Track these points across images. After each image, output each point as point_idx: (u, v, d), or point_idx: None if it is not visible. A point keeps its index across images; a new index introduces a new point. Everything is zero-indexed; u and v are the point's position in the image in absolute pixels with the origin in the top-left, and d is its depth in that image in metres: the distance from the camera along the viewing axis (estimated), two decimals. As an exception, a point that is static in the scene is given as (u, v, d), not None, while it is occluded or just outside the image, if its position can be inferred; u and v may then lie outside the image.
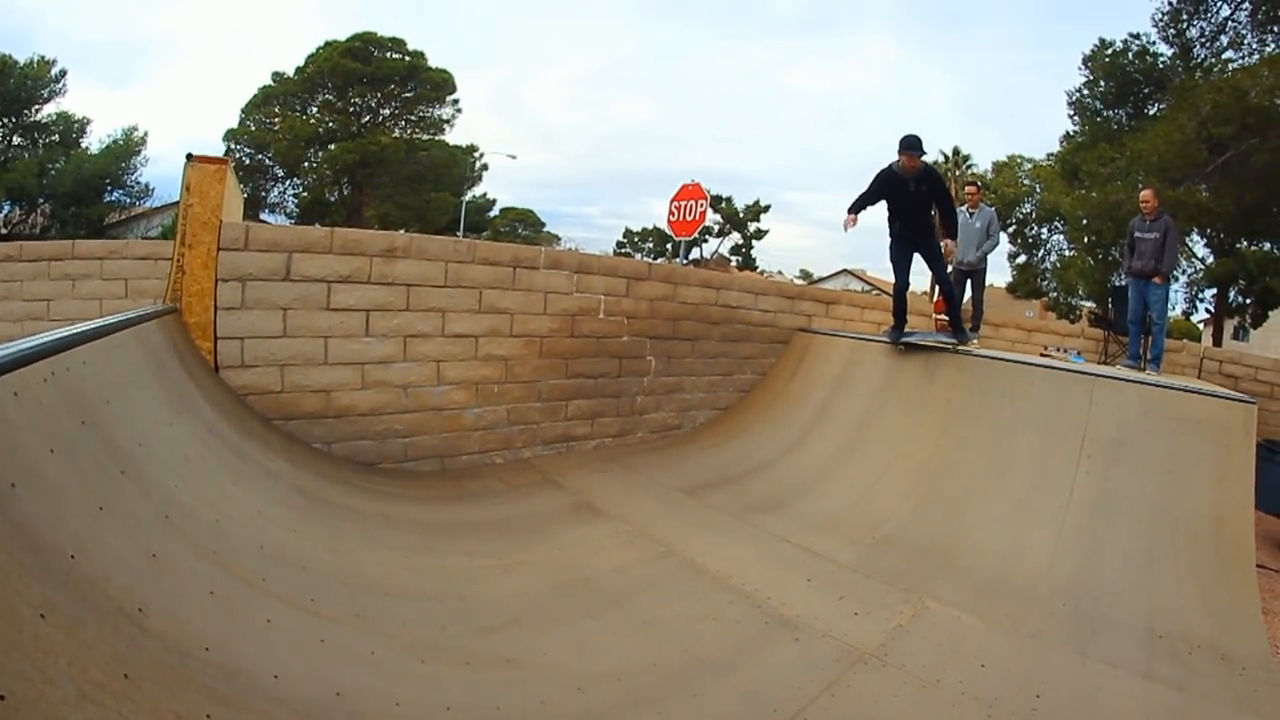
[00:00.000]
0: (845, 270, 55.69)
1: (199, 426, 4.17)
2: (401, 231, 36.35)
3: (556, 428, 6.93)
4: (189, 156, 5.56)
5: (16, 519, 1.86)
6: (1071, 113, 22.58)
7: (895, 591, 4.36)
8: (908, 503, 5.62)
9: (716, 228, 48.23)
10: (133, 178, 31.58)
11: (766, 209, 48.99)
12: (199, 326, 5.35)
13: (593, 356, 7.12)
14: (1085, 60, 21.53)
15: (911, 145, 6.42)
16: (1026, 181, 29.64)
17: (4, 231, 29.38)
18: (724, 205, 47.43)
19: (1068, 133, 23.13)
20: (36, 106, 30.87)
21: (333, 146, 33.93)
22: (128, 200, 31.64)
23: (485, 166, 39.44)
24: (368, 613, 3.24)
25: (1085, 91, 21.90)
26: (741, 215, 48.27)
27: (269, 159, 34.58)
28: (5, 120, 30.54)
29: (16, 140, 30.86)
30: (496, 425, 6.59)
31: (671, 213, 12.91)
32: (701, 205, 12.46)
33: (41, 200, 30.10)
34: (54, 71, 30.97)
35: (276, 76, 35.62)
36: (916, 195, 6.58)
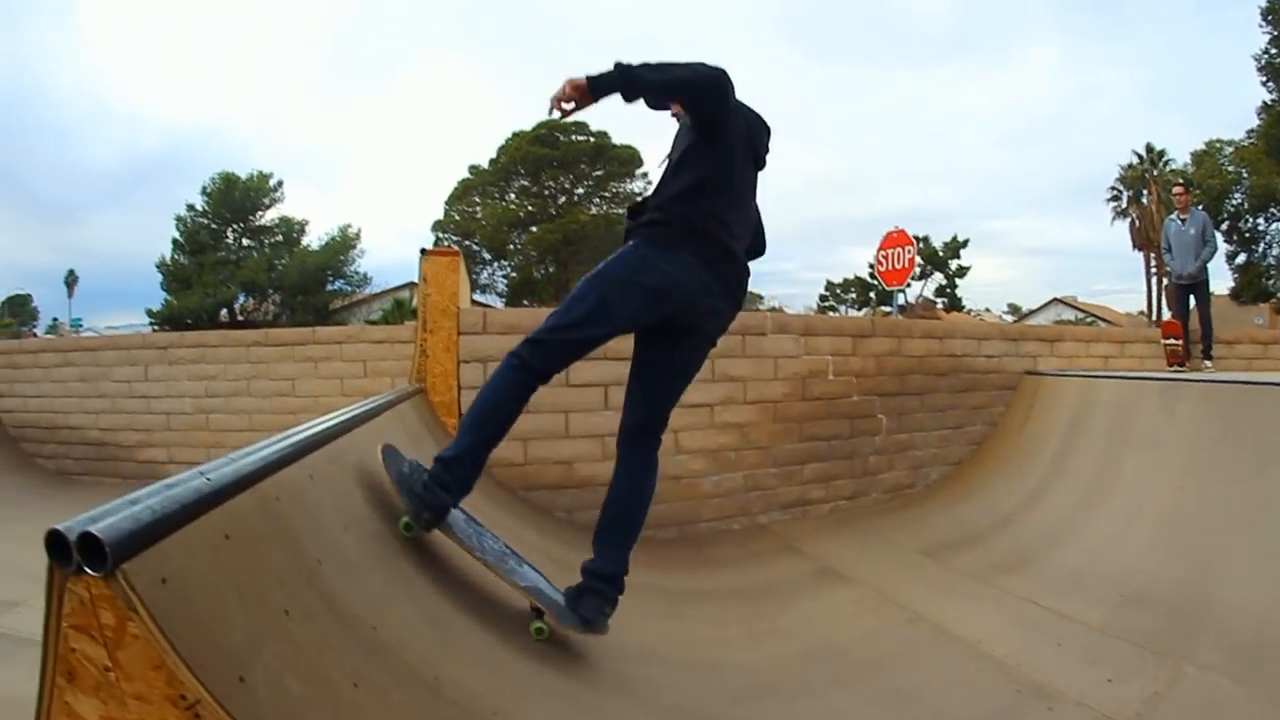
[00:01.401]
0: (1056, 300, 52.90)
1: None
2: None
3: (792, 492, 6.84)
4: (423, 251, 6.05)
5: (326, 593, 2.02)
6: (1264, 79, 20.26)
7: (1148, 655, 4.00)
8: (1154, 555, 5.14)
9: (918, 270, 46.78)
10: (351, 268, 36.21)
11: (965, 244, 46.70)
12: (444, 405, 5.76)
13: (824, 418, 7.01)
14: (1265, 14, 19.32)
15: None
16: (1230, 168, 25.93)
17: (241, 319, 34.24)
18: (921, 245, 45.99)
19: (1264, 103, 20.80)
20: (260, 213, 36.59)
21: (535, 228, 35.93)
22: (348, 288, 36.14)
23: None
24: (628, 679, 3.31)
25: (1273, 50, 19.59)
26: (941, 254, 46.30)
27: (475, 244, 36.98)
28: (235, 226, 36.29)
29: (246, 242, 36.36)
30: (733, 492, 6.58)
31: (879, 263, 12.72)
32: (909, 251, 12.25)
33: (271, 291, 34.87)
34: (272, 182, 36.55)
35: (473, 169, 38.35)
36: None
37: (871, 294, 47.24)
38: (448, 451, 2.95)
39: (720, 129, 2.85)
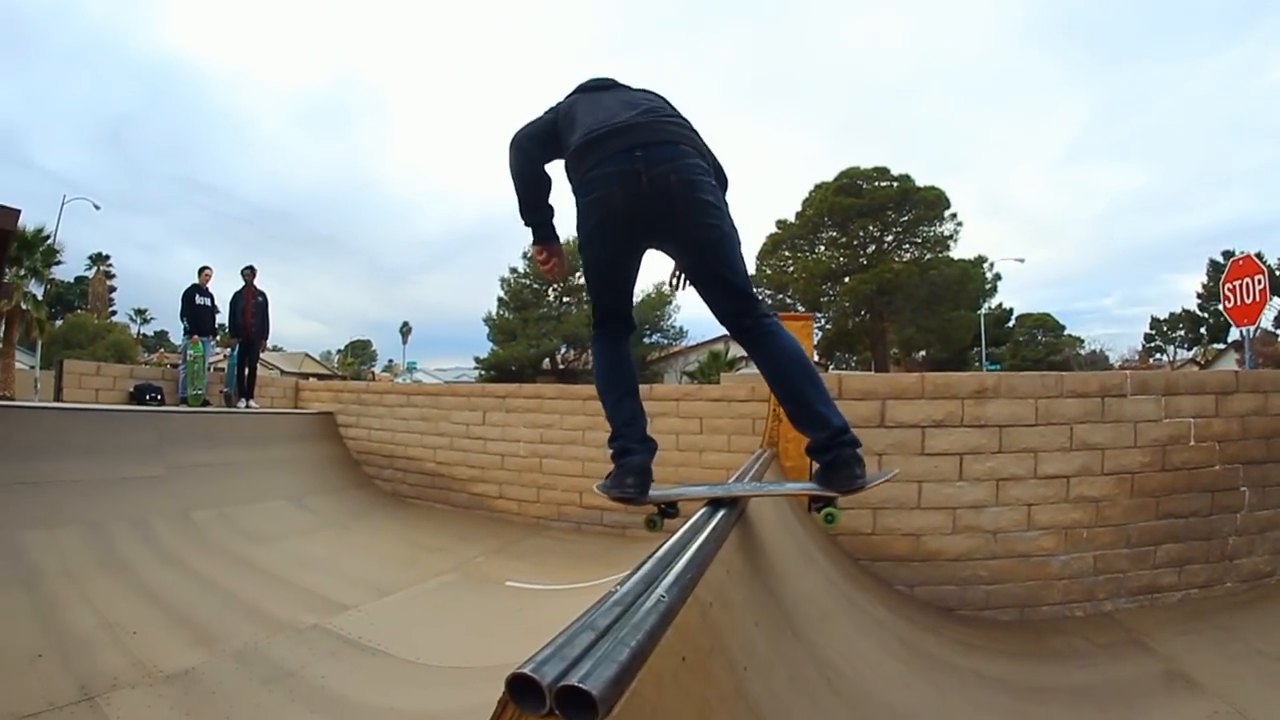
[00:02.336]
0: None
1: (820, 576, 4.28)
2: (921, 353, 36.56)
3: (1142, 577, 6.06)
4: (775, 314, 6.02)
5: (751, 700, 1.88)
6: None
7: None
8: None
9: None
10: (667, 322, 37.65)
11: None
12: (795, 469, 5.64)
13: (1184, 492, 6.17)
14: None
15: None
16: None
17: (562, 367, 37.67)
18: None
19: None
20: (578, 274, 38.89)
21: (847, 279, 35.59)
22: (665, 341, 37.61)
23: (999, 276, 38.07)
24: None
25: None
26: (1278, 272, 39.50)
27: (789, 298, 37.29)
28: (556, 286, 38.79)
29: (565, 299, 39.14)
30: (1082, 574, 5.96)
31: (1226, 298, 11.21)
32: (1260, 281, 10.59)
33: (590, 343, 37.06)
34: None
35: (780, 223, 38.82)
36: None
37: (1203, 330, 41.93)
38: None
39: (549, 150, 2.96)
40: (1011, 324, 46.45)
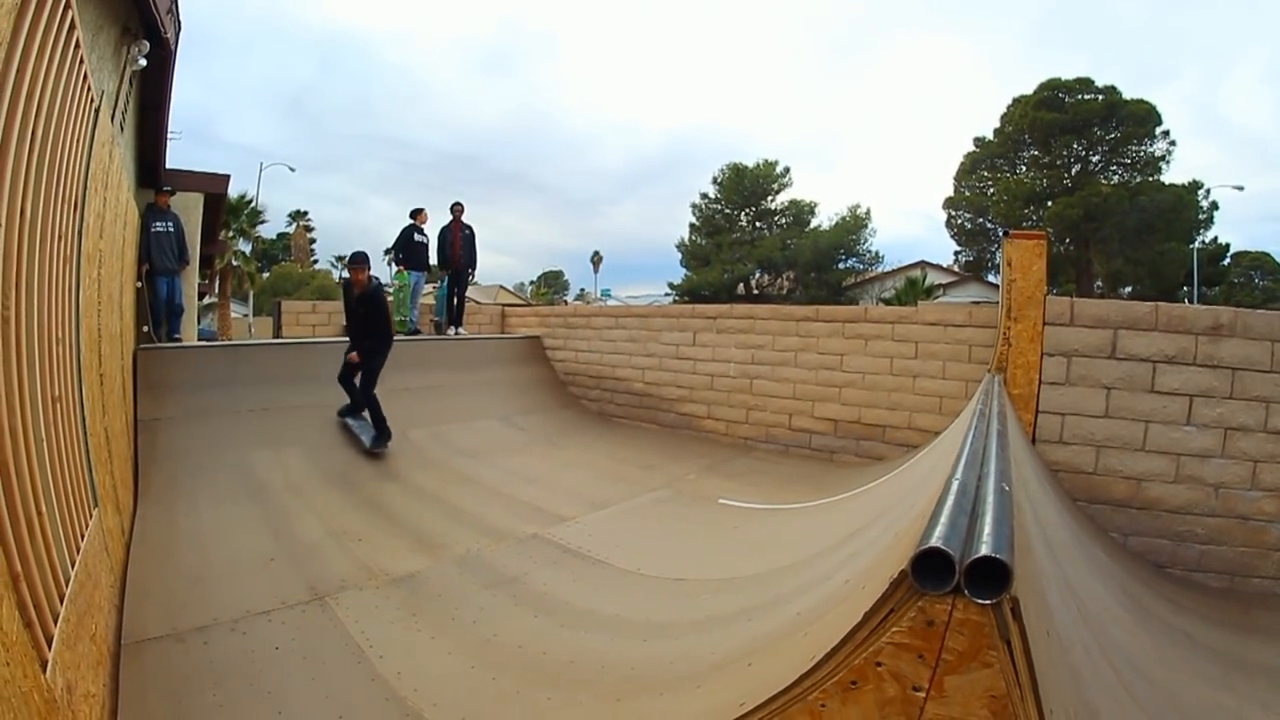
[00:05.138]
0: None
1: (1052, 507, 4.22)
2: (1127, 295, 34.09)
3: None
4: (1005, 233, 5.81)
5: (1049, 597, 1.92)
6: None
7: None
8: None
9: None
10: (863, 247, 37.19)
11: None
12: (1021, 398, 5.55)
13: None
14: None
15: None
16: None
17: (756, 292, 37.92)
18: None
19: None
20: (771, 197, 39.34)
21: (1051, 203, 33.40)
22: (861, 266, 37.23)
23: (1215, 205, 34.50)
24: None
25: None
26: None
27: (989, 222, 35.49)
28: (748, 210, 39.52)
29: (759, 224, 39.34)
30: None
31: None
32: None
33: (785, 268, 37.78)
34: (779, 169, 39.28)
35: (979, 141, 36.68)
36: None
37: None
38: None
39: None
40: (1227, 262, 42.13)
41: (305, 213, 59.88)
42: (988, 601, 1.15)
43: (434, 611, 4.06)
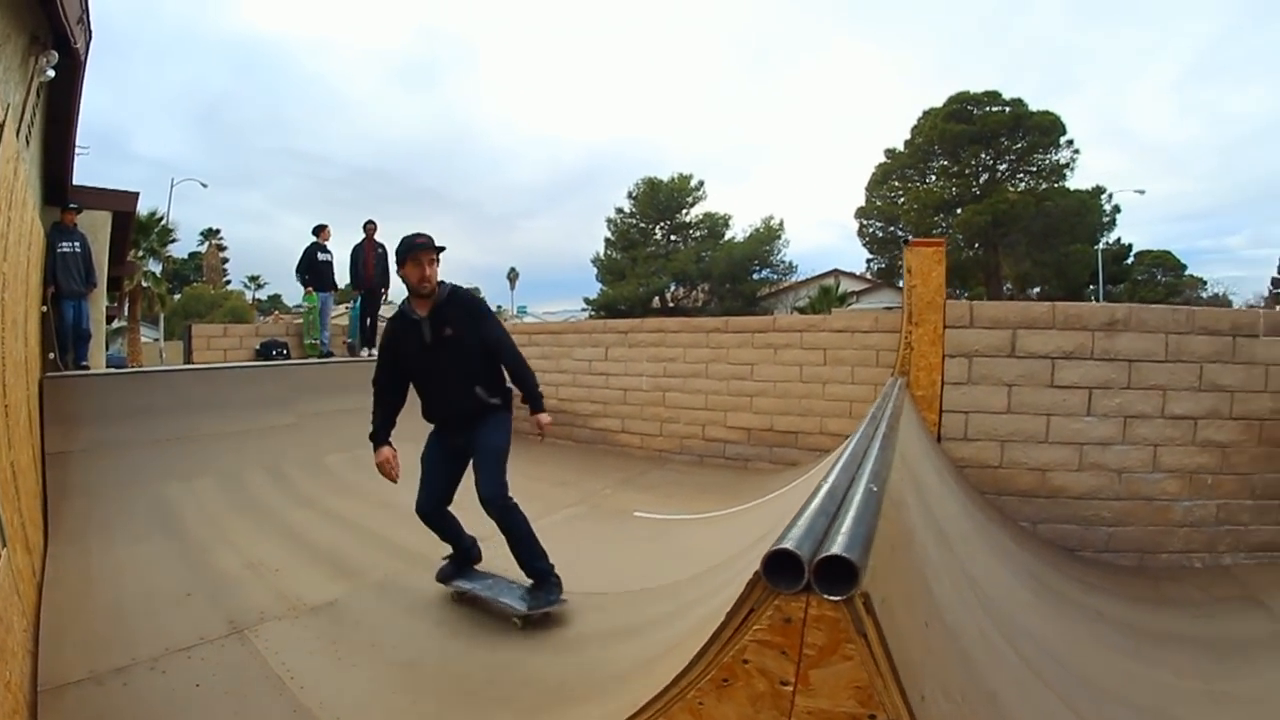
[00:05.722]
0: None
1: (955, 499, 4.39)
2: (1034, 292, 35.45)
3: (1264, 532, 5.89)
4: (906, 241, 6.02)
5: (935, 594, 1.95)
6: None
7: None
8: None
9: None
10: (777, 257, 37.64)
11: None
12: (925, 399, 5.74)
13: None
14: None
15: None
16: None
17: (672, 305, 37.88)
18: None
19: None
20: (685, 210, 39.53)
21: (960, 210, 34.61)
22: (775, 276, 37.61)
23: (1118, 209, 36.21)
24: (1089, 715, 3.10)
25: None
26: None
27: (900, 230, 36.51)
28: (663, 224, 39.68)
29: (673, 237, 39.53)
30: (1203, 523, 5.87)
31: None
32: None
33: (700, 280, 37.94)
34: (693, 182, 39.60)
35: (889, 153, 37.88)
36: None
37: None
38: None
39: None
40: (1130, 261, 44.24)
41: (218, 231, 58.42)
42: (839, 598, 1.19)
43: (354, 639, 4.00)
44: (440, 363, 4.20)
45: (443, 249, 4.13)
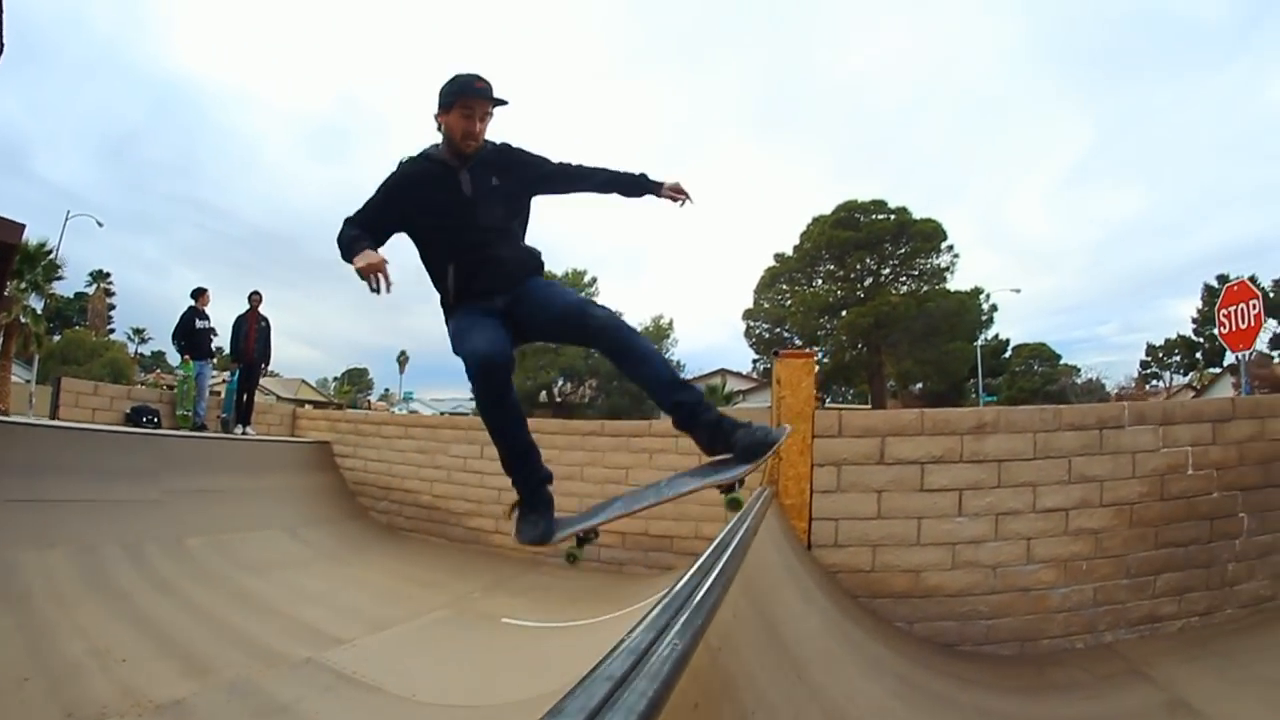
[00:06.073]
0: None
1: (820, 615, 4.30)
2: (918, 387, 36.86)
3: (1142, 607, 6.06)
4: (776, 353, 6.09)
5: None
6: None
7: None
8: None
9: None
10: (666, 355, 38.01)
11: None
12: (794, 508, 5.71)
13: (1183, 521, 6.18)
14: None
15: None
16: None
17: (559, 400, 38.35)
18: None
19: None
20: None
21: (845, 313, 35.99)
22: None
23: (995, 307, 38.43)
24: None
25: None
26: (1272, 295, 39.07)
27: (786, 331, 37.71)
28: None
29: None
30: (1081, 606, 5.96)
31: (1221, 323, 11.25)
32: (1254, 306, 10.62)
33: (588, 376, 38.51)
34: (587, 278, 40.70)
35: (779, 257, 39.26)
36: None
37: (1198, 355, 42.54)
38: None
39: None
40: (1008, 355, 46.97)
41: (108, 274, 55.93)
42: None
43: (199, 745, 3.62)
44: (483, 218, 3.29)
45: (504, 103, 3.19)
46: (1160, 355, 49.36)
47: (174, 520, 7.00)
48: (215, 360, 11.84)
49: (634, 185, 3.56)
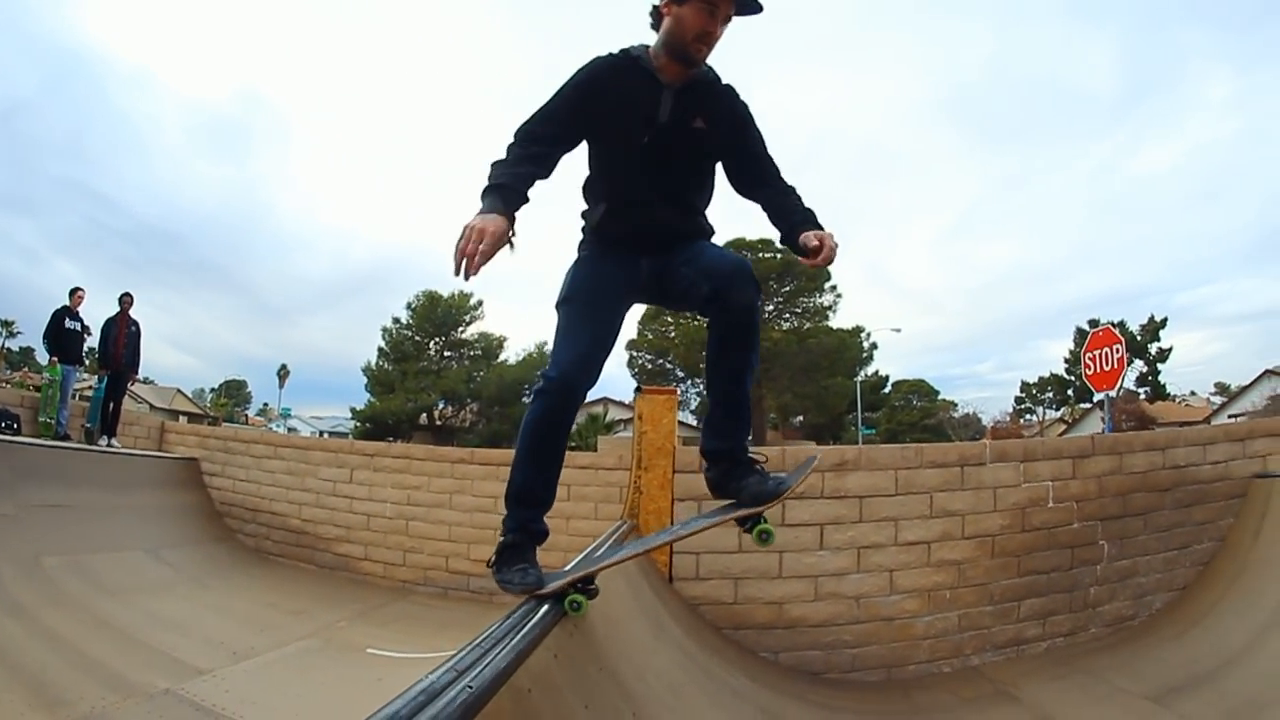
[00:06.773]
0: (1269, 372, 47.45)
1: (674, 649, 4.32)
2: (800, 419, 37.76)
3: (1007, 631, 6.33)
4: (639, 389, 6.21)
5: None
6: None
7: None
8: None
9: (1115, 361, 42.90)
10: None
11: (1164, 323, 43.03)
12: None
13: (1044, 550, 6.50)
14: None
15: None
16: None
17: (439, 423, 38.01)
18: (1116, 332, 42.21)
19: None
20: (461, 328, 40.27)
21: (727, 346, 36.85)
22: None
23: (875, 345, 39.84)
24: None
25: None
26: (1139, 338, 42.42)
27: (669, 363, 38.11)
28: (438, 339, 40.13)
29: (447, 353, 40.08)
30: (947, 633, 6.18)
31: (1087, 365, 12.15)
32: (1118, 350, 11.60)
33: (469, 400, 38.35)
34: (473, 301, 40.46)
35: (665, 290, 39.75)
36: None
37: (1069, 391, 45.29)
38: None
39: None
40: (888, 390, 48.47)
41: None
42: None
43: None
44: (666, 156, 2.59)
45: (759, 8, 2.43)
46: (1034, 391, 51.68)
47: (30, 537, 6.66)
48: (85, 365, 11.25)
49: (797, 228, 2.67)
